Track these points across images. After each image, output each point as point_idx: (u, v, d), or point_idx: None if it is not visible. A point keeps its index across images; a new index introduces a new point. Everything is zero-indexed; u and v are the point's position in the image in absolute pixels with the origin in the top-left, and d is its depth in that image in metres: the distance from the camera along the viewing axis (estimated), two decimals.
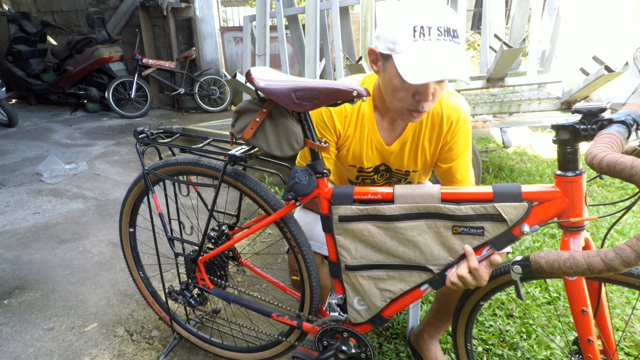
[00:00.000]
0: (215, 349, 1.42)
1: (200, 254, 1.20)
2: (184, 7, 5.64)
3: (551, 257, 0.59)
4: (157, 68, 5.48)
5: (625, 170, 0.51)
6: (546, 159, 3.43)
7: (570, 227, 0.77)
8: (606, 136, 0.60)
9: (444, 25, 0.84)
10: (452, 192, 0.86)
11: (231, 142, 1.04)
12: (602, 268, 0.55)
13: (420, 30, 0.84)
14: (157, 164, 1.19)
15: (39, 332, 1.58)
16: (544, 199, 0.79)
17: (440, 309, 1.26)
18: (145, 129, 1.18)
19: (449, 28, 0.85)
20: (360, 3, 2.82)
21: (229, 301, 1.22)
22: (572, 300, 0.82)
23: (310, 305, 1.14)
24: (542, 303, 1.65)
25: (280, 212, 1.04)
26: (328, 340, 1.11)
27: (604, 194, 2.70)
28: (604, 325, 0.89)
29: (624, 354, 1.40)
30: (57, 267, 2.01)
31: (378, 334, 1.53)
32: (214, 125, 4.23)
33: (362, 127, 1.10)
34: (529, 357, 1.40)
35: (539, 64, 3.17)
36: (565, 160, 0.75)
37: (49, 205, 2.74)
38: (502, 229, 0.82)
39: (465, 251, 0.86)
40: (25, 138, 4.37)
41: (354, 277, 1.00)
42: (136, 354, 1.47)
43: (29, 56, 5.61)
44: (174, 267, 1.77)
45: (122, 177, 3.27)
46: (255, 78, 0.91)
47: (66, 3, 6.16)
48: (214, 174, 1.11)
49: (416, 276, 0.94)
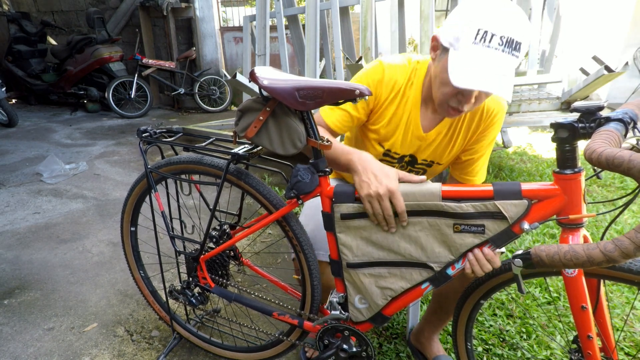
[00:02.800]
0: (216, 348, 1.42)
1: (202, 252, 1.20)
2: (184, 7, 5.64)
3: (552, 250, 0.60)
4: (157, 68, 5.49)
5: (624, 163, 0.52)
6: (546, 158, 3.43)
7: (569, 224, 0.78)
8: (604, 133, 0.61)
9: (508, 36, 0.83)
10: (453, 190, 0.86)
11: (234, 141, 1.04)
12: (601, 260, 0.55)
13: (483, 35, 0.83)
14: (160, 162, 1.20)
15: (39, 332, 1.58)
16: (543, 197, 0.79)
17: (438, 307, 1.26)
18: (149, 128, 1.19)
19: (512, 40, 0.83)
20: (360, 3, 2.83)
21: (230, 300, 1.22)
22: (572, 297, 0.82)
23: (312, 304, 1.14)
24: (542, 303, 1.66)
25: (282, 211, 1.05)
26: (329, 338, 1.11)
27: (603, 194, 2.70)
28: (603, 323, 0.89)
29: (624, 353, 1.40)
30: (57, 267, 2.01)
31: (378, 333, 1.53)
32: (214, 125, 4.23)
33: (403, 109, 1.08)
34: (529, 357, 1.40)
35: (539, 64, 3.18)
36: (564, 158, 0.76)
37: (49, 205, 2.74)
38: (503, 226, 0.83)
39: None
40: (25, 138, 4.37)
41: (355, 275, 1.00)
42: (136, 354, 1.47)
43: (29, 56, 5.61)
44: (175, 266, 1.77)
45: (122, 177, 3.27)
46: (259, 77, 0.92)
47: (66, 3, 6.16)
48: (217, 172, 1.12)
49: (417, 274, 0.94)
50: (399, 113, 1.08)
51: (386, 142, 1.13)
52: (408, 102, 1.07)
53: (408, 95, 1.07)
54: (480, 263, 0.87)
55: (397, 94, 1.07)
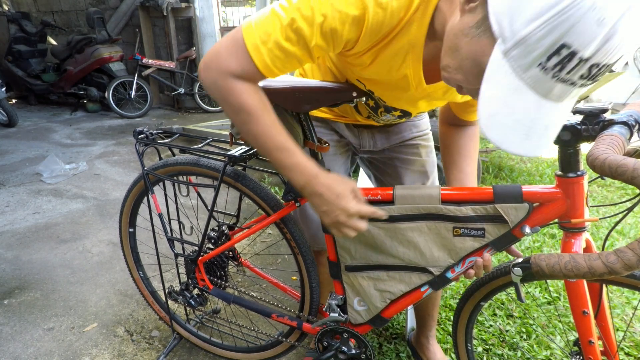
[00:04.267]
0: (215, 349, 1.41)
1: (200, 254, 1.19)
2: (184, 7, 5.63)
3: (552, 260, 0.59)
4: (157, 68, 5.48)
5: (627, 172, 0.51)
6: (546, 159, 3.42)
7: (571, 228, 0.77)
8: (608, 137, 0.60)
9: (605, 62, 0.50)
10: (453, 193, 0.86)
11: (231, 143, 1.03)
12: (603, 271, 0.54)
13: (567, 56, 0.49)
14: (157, 164, 1.19)
15: (39, 332, 1.58)
16: (545, 200, 0.78)
17: (423, 310, 1.29)
18: (145, 129, 1.18)
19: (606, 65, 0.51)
20: None
21: (228, 301, 1.22)
22: (573, 302, 0.81)
23: (310, 306, 1.14)
24: (542, 303, 1.65)
25: (280, 213, 1.04)
26: (328, 340, 1.11)
27: (604, 194, 2.69)
28: (605, 327, 0.89)
29: (624, 354, 1.39)
30: (57, 267, 2.00)
31: (378, 334, 1.53)
32: (214, 125, 4.23)
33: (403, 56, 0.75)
34: (529, 357, 1.40)
35: None
36: (567, 161, 0.74)
37: (49, 205, 2.74)
38: (503, 230, 0.82)
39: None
40: (25, 138, 4.37)
41: (354, 278, 0.99)
42: (136, 354, 1.47)
43: (29, 56, 5.61)
44: (174, 267, 1.77)
45: (122, 177, 3.27)
46: None
47: (66, 3, 6.16)
48: (214, 174, 1.11)
49: (416, 277, 0.94)
50: (388, 63, 0.77)
51: (373, 85, 0.86)
52: (409, 47, 0.73)
53: (404, 39, 0.72)
54: (476, 268, 0.86)
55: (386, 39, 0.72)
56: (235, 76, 0.72)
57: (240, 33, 0.70)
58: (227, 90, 0.73)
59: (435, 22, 0.69)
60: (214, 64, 0.72)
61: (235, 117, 0.77)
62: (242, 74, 0.72)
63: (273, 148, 0.77)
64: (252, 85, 0.74)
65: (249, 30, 0.70)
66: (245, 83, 0.73)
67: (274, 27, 0.68)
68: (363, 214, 0.82)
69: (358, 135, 1.11)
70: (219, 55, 0.72)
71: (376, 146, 1.12)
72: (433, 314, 1.30)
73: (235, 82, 0.72)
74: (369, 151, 1.16)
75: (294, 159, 0.77)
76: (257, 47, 0.69)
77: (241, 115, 0.75)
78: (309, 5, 0.66)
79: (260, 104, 0.75)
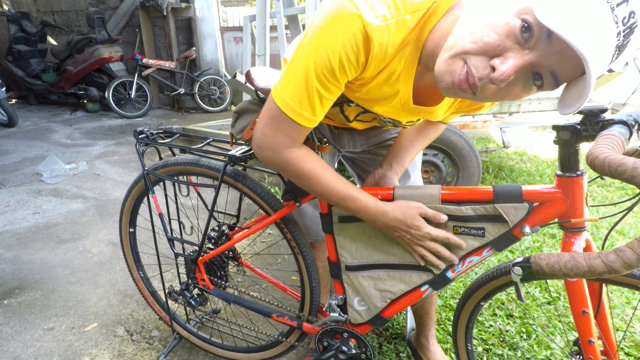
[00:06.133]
0: (215, 349, 1.41)
1: (200, 254, 1.20)
2: (184, 7, 5.64)
3: (552, 259, 0.59)
4: (157, 68, 5.49)
5: (627, 172, 0.51)
6: (546, 159, 3.42)
7: (571, 227, 0.77)
8: (607, 137, 0.60)
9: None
10: (453, 193, 0.86)
11: (231, 143, 1.04)
12: (603, 270, 0.54)
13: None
14: (157, 164, 1.19)
15: (39, 332, 1.58)
16: (544, 200, 0.78)
17: (420, 310, 1.29)
18: (145, 129, 1.18)
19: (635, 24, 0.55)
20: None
21: (228, 301, 1.22)
22: (573, 301, 0.81)
23: (311, 306, 1.14)
24: (542, 303, 1.65)
25: (280, 213, 1.04)
26: (328, 340, 1.11)
27: (603, 194, 2.70)
28: (605, 326, 0.89)
29: (624, 354, 1.39)
30: (57, 267, 2.00)
31: (378, 334, 1.53)
32: (214, 125, 4.23)
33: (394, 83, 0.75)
34: (529, 357, 1.40)
35: None
36: (566, 161, 0.74)
37: (49, 205, 2.74)
38: (503, 229, 0.82)
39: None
40: (25, 138, 4.37)
41: (354, 278, 0.99)
42: (136, 354, 1.47)
43: (29, 56, 5.61)
44: (174, 267, 1.77)
45: (122, 177, 3.27)
46: (255, 78, 0.91)
47: (66, 3, 6.16)
48: (214, 174, 1.11)
49: (416, 277, 0.94)
50: (385, 85, 0.76)
51: (369, 105, 0.85)
52: (398, 74, 0.74)
53: (397, 65, 0.72)
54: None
55: (385, 63, 0.72)
56: (287, 148, 0.78)
57: (276, 107, 0.74)
58: (285, 162, 0.80)
59: (427, 45, 0.70)
60: (264, 144, 0.79)
61: (298, 181, 0.84)
62: (292, 143, 0.78)
63: (338, 199, 0.84)
64: (303, 150, 0.81)
65: (282, 101, 0.74)
66: (298, 150, 0.80)
67: (302, 88, 0.71)
68: (435, 239, 0.86)
69: (338, 136, 1.11)
70: (266, 137, 0.78)
71: (356, 147, 1.13)
72: (431, 313, 1.30)
73: (288, 154, 0.79)
74: (350, 151, 1.17)
75: (358, 203, 0.84)
76: (297, 112, 0.73)
77: (303, 179, 0.82)
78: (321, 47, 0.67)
79: (315, 164, 0.81)
